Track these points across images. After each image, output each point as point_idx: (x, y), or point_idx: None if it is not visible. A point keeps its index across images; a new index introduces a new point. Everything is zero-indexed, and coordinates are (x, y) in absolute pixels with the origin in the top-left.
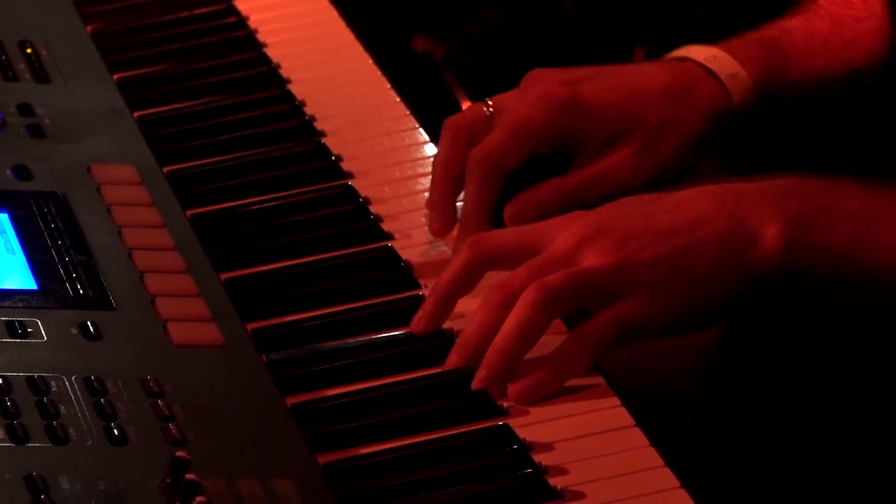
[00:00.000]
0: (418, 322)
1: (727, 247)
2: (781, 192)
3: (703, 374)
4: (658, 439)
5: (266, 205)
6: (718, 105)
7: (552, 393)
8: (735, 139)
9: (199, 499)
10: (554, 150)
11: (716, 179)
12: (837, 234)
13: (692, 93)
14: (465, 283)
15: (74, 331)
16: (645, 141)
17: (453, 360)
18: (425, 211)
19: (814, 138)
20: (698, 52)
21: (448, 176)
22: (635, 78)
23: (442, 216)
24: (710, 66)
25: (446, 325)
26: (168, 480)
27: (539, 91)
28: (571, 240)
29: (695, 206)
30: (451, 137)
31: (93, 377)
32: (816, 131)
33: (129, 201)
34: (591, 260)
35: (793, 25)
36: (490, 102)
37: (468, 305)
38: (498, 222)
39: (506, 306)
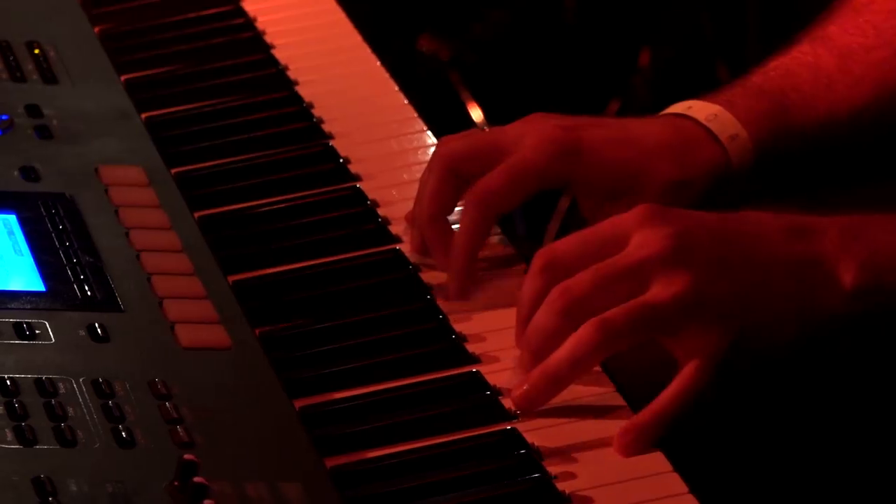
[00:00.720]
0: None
1: (797, 291)
2: (851, 235)
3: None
4: (667, 444)
5: (274, 207)
6: (719, 167)
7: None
8: (733, 192)
9: (206, 502)
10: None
11: (784, 210)
12: None
13: (694, 154)
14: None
15: (82, 332)
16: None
17: (527, 369)
18: None
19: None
20: (700, 110)
21: (437, 211)
22: (637, 133)
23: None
24: (711, 126)
25: (457, 328)
26: (176, 483)
27: (541, 135)
28: (644, 252)
29: (768, 243)
30: (440, 166)
31: (100, 379)
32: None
33: (136, 203)
34: (660, 288)
35: (799, 62)
36: (485, 129)
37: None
38: None
39: (568, 314)
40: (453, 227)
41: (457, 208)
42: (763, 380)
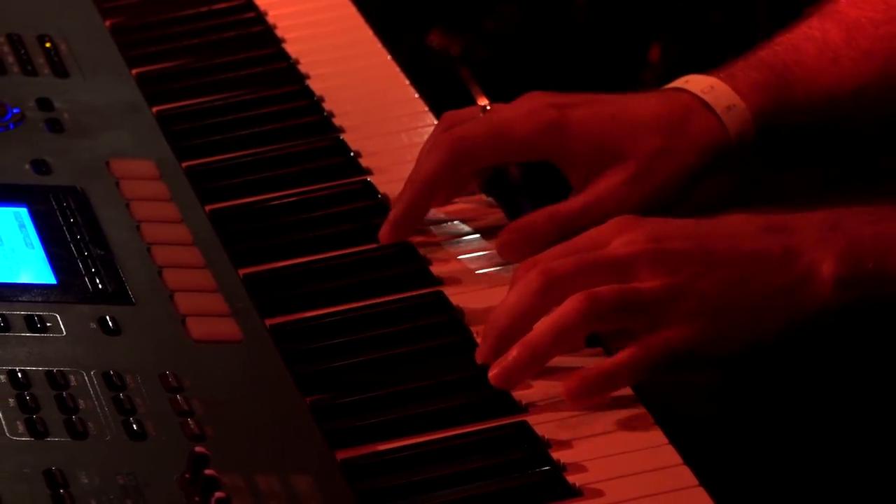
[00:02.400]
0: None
1: (777, 285)
2: (829, 227)
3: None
4: (677, 437)
5: (285, 200)
6: (713, 138)
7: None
8: (734, 167)
9: (217, 494)
10: (532, 161)
11: (762, 208)
12: (891, 261)
13: (685, 125)
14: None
15: (93, 325)
16: (636, 171)
17: (484, 347)
18: (442, 208)
19: (819, 145)
20: (696, 84)
21: (431, 185)
22: (629, 108)
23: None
24: (706, 98)
25: (467, 321)
26: (187, 475)
27: (528, 107)
28: (626, 249)
29: (747, 239)
30: (439, 128)
31: (112, 372)
32: (823, 142)
33: (147, 196)
34: (643, 279)
35: (806, 35)
36: (489, 106)
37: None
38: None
39: (544, 294)
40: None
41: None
42: (759, 370)
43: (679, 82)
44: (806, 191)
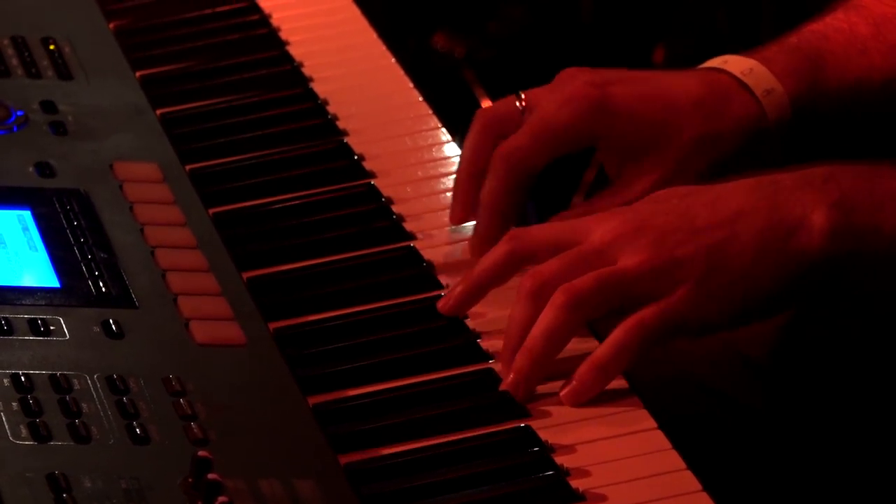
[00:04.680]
0: (445, 303)
1: (768, 239)
2: (821, 178)
3: (729, 367)
4: (680, 442)
5: (288, 204)
6: (753, 122)
7: (597, 393)
8: (768, 152)
9: (220, 499)
10: (581, 149)
11: (752, 172)
12: (884, 215)
13: (726, 108)
14: (499, 274)
15: (97, 329)
16: (678, 162)
17: (502, 360)
18: (448, 211)
19: (844, 140)
20: (735, 65)
21: (473, 167)
22: (668, 87)
23: (462, 205)
24: (746, 80)
25: (471, 325)
26: (190, 480)
27: (568, 91)
28: (608, 235)
29: (733, 199)
30: (480, 128)
31: (115, 376)
32: (848, 135)
33: (151, 199)
34: (625, 259)
35: (833, 27)
36: (523, 96)
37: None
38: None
39: (537, 296)
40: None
41: None
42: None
43: (717, 62)
44: None
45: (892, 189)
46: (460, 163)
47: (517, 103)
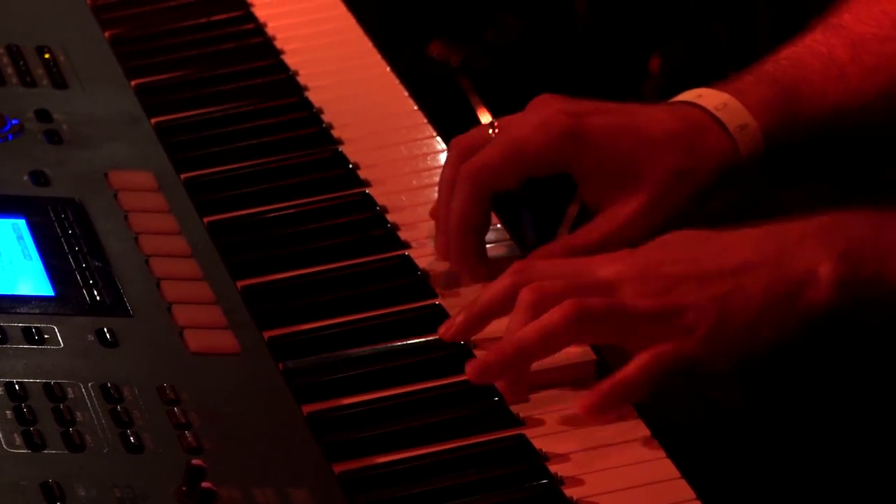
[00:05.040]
0: (447, 330)
1: (774, 292)
2: (827, 229)
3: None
4: (674, 451)
5: (283, 212)
6: (726, 158)
7: (610, 412)
8: (740, 183)
9: None
10: (552, 174)
11: (758, 221)
12: (890, 265)
13: (700, 144)
14: (502, 306)
15: (91, 337)
16: (653, 196)
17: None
18: None
19: (823, 158)
20: (709, 99)
21: (449, 196)
22: (643, 121)
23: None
24: (720, 115)
25: None
26: (184, 488)
27: (542, 116)
28: (615, 275)
29: (740, 251)
30: (453, 157)
31: (109, 384)
32: (825, 153)
33: (146, 208)
34: (633, 299)
35: (812, 51)
36: (496, 124)
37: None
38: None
39: (536, 308)
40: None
41: None
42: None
43: (691, 95)
44: (807, 203)
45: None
46: (438, 195)
47: (490, 131)
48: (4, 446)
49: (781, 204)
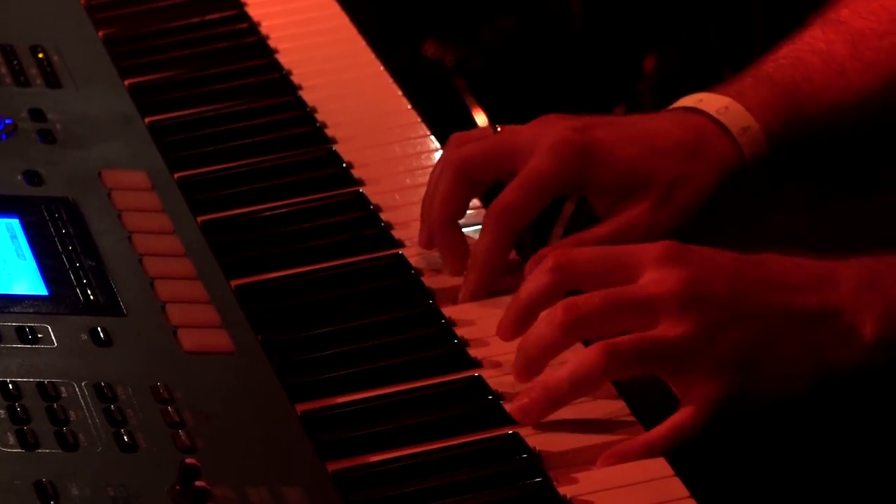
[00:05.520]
0: (503, 331)
1: (813, 343)
2: (866, 284)
3: None
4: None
5: (277, 211)
6: (730, 162)
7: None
8: (746, 185)
9: None
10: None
11: (803, 258)
12: None
13: (704, 150)
14: (546, 301)
15: (84, 337)
16: (658, 199)
17: (516, 373)
18: None
19: (822, 157)
20: (710, 103)
21: (451, 214)
22: (648, 130)
23: (451, 253)
24: (722, 119)
25: (459, 332)
26: (177, 487)
27: (552, 140)
28: (657, 287)
29: (784, 292)
30: (454, 175)
31: (103, 383)
32: (825, 152)
33: (139, 207)
34: (669, 320)
35: (811, 48)
36: (499, 128)
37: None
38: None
39: (570, 329)
40: (464, 230)
41: (470, 210)
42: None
43: (692, 100)
44: (806, 199)
45: None
46: (433, 211)
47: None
48: None
49: (775, 201)
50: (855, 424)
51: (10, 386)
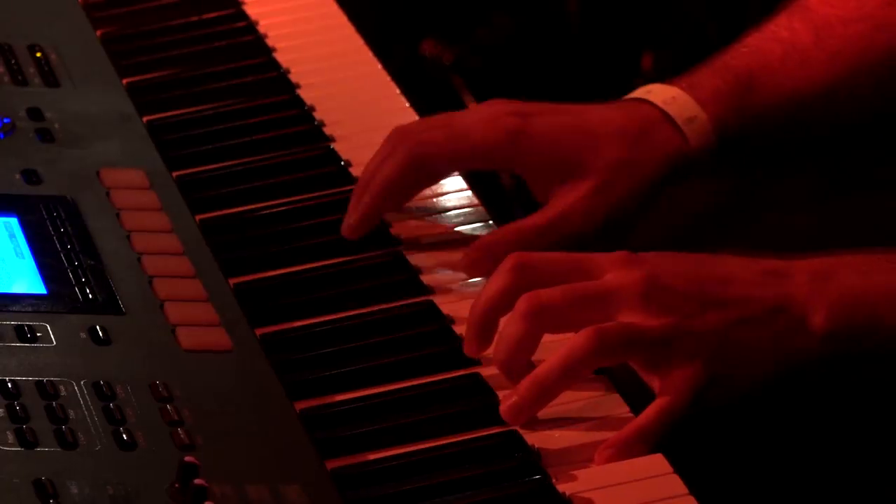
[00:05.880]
0: (469, 345)
1: (771, 330)
2: (821, 277)
3: None
4: (666, 446)
5: (275, 210)
6: (673, 150)
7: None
8: (699, 174)
9: None
10: (494, 170)
11: (760, 252)
12: (882, 313)
13: (646, 137)
14: (504, 307)
15: (83, 335)
16: (597, 184)
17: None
18: (436, 216)
19: (811, 154)
20: (658, 94)
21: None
22: (590, 119)
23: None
24: (668, 109)
25: (458, 330)
26: (177, 485)
27: (489, 113)
28: (619, 281)
29: (744, 282)
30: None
31: (102, 382)
32: (812, 147)
33: (138, 206)
34: (632, 313)
35: (774, 36)
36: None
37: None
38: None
39: (534, 318)
40: (461, 227)
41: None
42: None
43: (641, 92)
44: (798, 202)
45: (887, 285)
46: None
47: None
48: None
49: (767, 204)
50: (852, 419)
51: (10, 385)
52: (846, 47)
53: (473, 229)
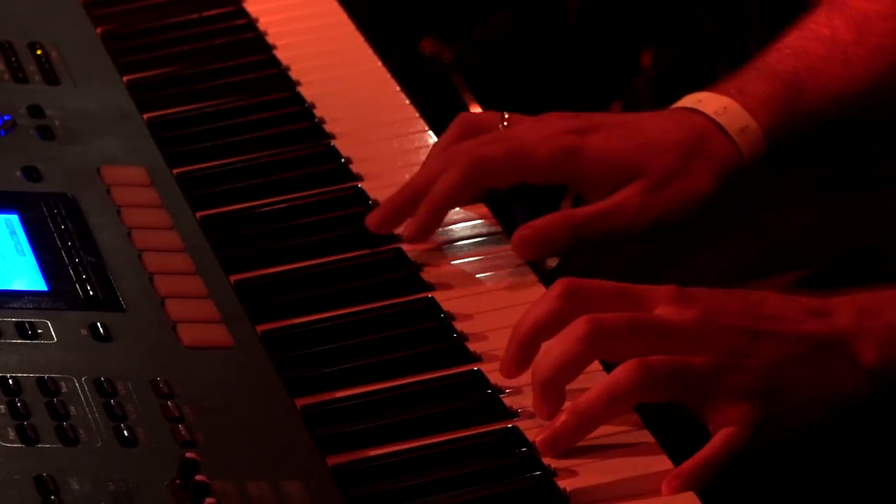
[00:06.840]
0: (507, 365)
1: (824, 365)
2: (868, 313)
3: None
4: (668, 445)
5: (275, 207)
6: (728, 162)
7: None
8: (742, 182)
9: (208, 500)
10: (552, 185)
11: (803, 290)
12: None
13: (702, 149)
14: (552, 331)
15: (84, 332)
16: (652, 184)
17: (541, 407)
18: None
19: (811, 151)
20: (709, 104)
21: (438, 167)
22: (646, 132)
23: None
24: (720, 119)
25: (458, 326)
26: (177, 482)
27: (550, 131)
28: (677, 316)
29: (793, 320)
30: (455, 133)
31: (103, 378)
32: (828, 141)
33: (138, 203)
34: (688, 348)
35: (815, 34)
36: (507, 117)
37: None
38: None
39: (593, 342)
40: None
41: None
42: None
43: (691, 101)
44: (806, 195)
45: None
46: (426, 161)
47: (500, 122)
48: None
49: (768, 196)
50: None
51: (11, 381)
52: (885, 42)
53: (473, 227)
